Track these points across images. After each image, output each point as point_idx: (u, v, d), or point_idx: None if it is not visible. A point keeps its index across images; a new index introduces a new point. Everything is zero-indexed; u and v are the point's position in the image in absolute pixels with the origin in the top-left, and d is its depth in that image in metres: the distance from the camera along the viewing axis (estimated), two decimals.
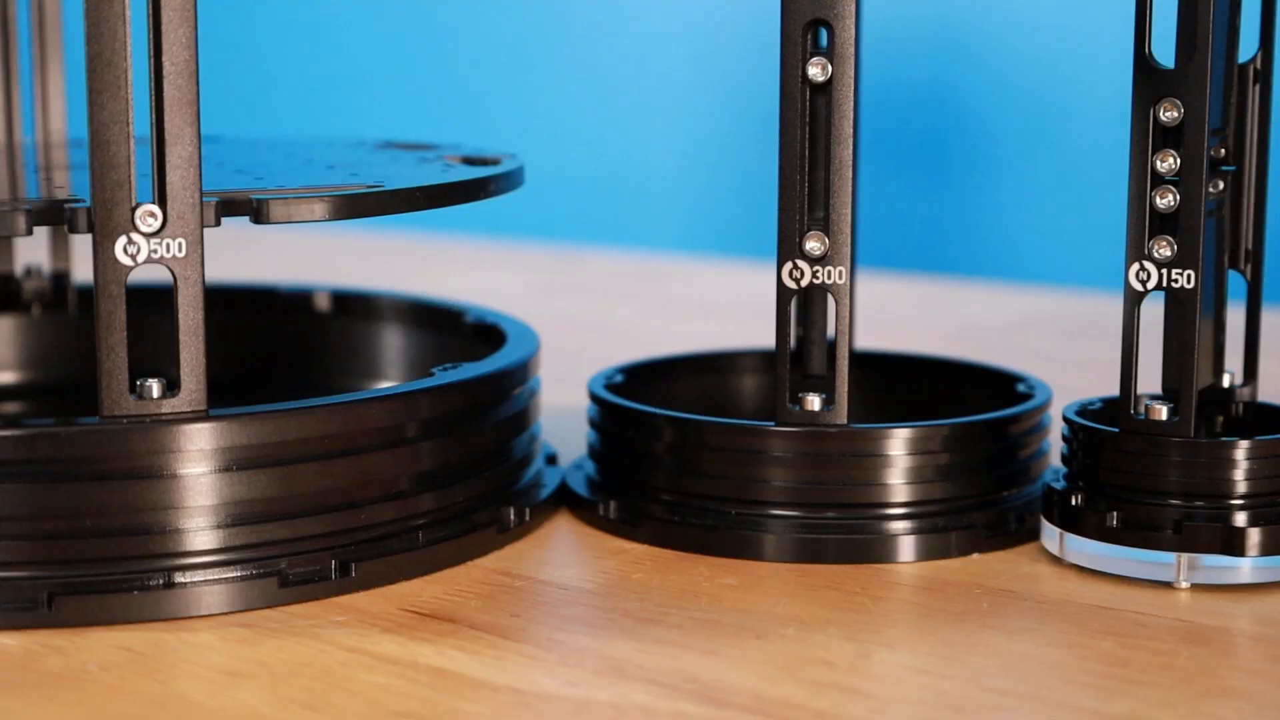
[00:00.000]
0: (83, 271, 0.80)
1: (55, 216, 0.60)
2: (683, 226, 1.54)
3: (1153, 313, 0.65)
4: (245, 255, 0.77)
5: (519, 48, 1.60)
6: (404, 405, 0.64)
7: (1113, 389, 0.66)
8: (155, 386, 0.60)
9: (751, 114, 1.48)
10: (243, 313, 0.85)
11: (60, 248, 0.86)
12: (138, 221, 0.59)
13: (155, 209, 0.59)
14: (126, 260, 0.59)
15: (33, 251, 0.87)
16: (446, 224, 1.57)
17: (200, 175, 0.59)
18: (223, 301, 0.82)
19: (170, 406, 0.60)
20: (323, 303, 0.85)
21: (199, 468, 0.60)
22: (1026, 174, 1.39)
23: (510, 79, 1.60)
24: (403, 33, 1.65)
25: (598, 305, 1.26)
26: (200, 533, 0.60)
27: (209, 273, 0.61)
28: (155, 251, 0.59)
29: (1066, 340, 1.11)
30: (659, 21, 1.52)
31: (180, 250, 0.59)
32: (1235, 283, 0.69)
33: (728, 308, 1.24)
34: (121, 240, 0.59)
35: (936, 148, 1.42)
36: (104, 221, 0.58)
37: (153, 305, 0.68)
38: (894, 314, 1.18)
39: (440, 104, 1.64)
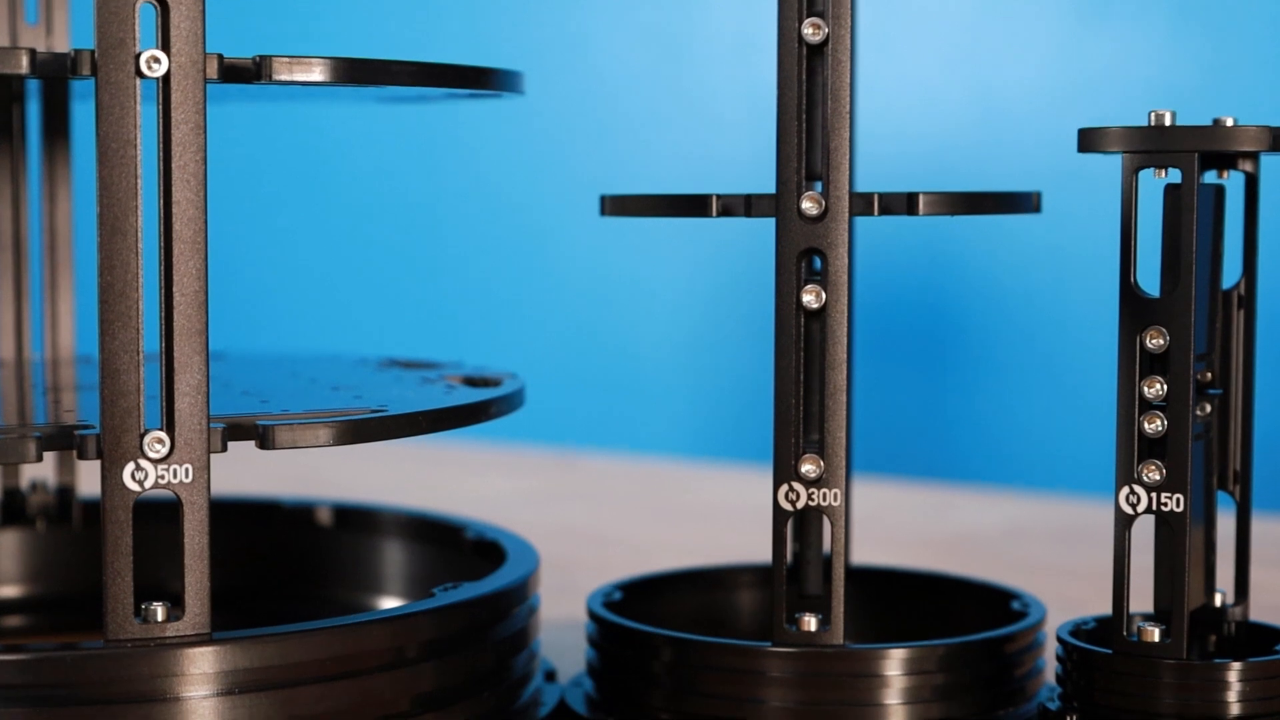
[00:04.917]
0: (87, 486, 0.81)
1: (65, 442, 0.60)
2: (678, 431, 1.55)
3: (1145, 527, 0.65)
4: (244, 459, 0.78)
5: (519, 255, 1.62)
6: (405, 627, 0.65)
7: (1105, 599, 0.67)
8: (160, 610, 0.60)
9: (748, 321, 1.50)
10: (245, 527, 0.86)
11: (66, 463, 0.87)
12: (146, 448, 0.59)
13: (163, 435, 0.60)
14: (134, 486, 0.60)
15: (38, 465, 0.88)
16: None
17: (208, 403, 0.60)
18: (225, 515, 0.82)
19: (174, 630, 0.60)
20: (324, 517, 0.86)
21: (201, 690, 0.60)
22: (1017, 380, 1.40)
23: (510, 284, 1.62)
24: (406, 243, 1.67)
25: (594, 512, 1.26)
26: None
27: (213, 485, 0.61)
28: (163, 477, 0.60)
29: (1059, 548, 1.12)
30: (658, 233, 1.54)
31: (187, 476, 0.60)
32: (1224, 500, 0.70)
33: (725, 513, 1.24)
34: (130, 466, 0.59)
35: (928, 354, 1.44)
36: (112, 448, 0.59)
37: (153, 519, 0.68)
38: (888, 523, 1.19)
39: (442, 307, 1.66)
